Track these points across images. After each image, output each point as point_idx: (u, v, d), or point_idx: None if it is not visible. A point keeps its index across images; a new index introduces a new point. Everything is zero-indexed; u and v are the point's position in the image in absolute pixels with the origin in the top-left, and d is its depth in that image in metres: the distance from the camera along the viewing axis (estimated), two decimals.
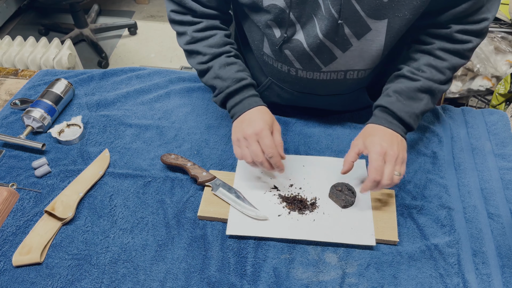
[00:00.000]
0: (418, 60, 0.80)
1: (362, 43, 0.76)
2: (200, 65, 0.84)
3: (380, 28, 0.73)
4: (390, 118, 0.78)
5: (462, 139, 0.93)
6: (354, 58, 0.79)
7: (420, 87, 0.78)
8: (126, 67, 1.13)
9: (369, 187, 0.73)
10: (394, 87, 0.79)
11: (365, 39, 0.75)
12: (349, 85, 0.86)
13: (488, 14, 0.74)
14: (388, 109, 0.78)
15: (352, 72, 0.82)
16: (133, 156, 0.91)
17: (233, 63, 0.83)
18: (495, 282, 0.70)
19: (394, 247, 0.75)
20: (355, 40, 0.75)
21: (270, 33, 0.79)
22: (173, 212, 0.80)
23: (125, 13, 2.96)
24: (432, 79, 0.78)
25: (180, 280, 0.71)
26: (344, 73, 0.82)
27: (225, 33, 0.85)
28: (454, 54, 0.78)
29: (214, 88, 0.84)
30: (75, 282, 0.71)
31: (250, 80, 0.83)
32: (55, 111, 0.97)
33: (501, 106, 1.65)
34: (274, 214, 0.78)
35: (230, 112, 0.83)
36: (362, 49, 0.77)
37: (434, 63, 0.78)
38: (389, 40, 0.75)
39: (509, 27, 1.67)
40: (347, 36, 0.74)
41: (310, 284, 0.70)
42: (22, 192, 0.84)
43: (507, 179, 0.85)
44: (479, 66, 1.65)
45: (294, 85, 0.89)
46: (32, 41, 2.13)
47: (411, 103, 0.78)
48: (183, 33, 0.84)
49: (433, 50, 0.79)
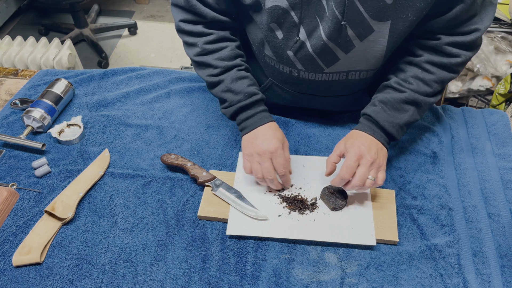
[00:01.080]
0: (406, 71, 0.81)
1: (365, 44, 0.76)
2: (210, 77, 0.84)
3: (383, 30, 0.74)
4: (374, 126, 0.79)
5: (462, 139, 0.93)
6: (357, 59, 0.79)
7: (406, 98, 0.79)
8: (126, 67, 1.13)
9: (336, 183, 0.76)
10: (380, 97, 0.81)
11: (368, 41, 0.75)
12: (351, 86, 0.87)
13: (481, 25, 0.74)
14: (372, 118, 0.80)
15: (354, 72, 0.82)
16: (133, 156, 0.91)
17: (244, 77, 0.83)
18: (495, 282, 0.70)
19: (394, 247, 0.75)
20: (358, 42, 0.75)
21: (272, 35, 0.79)
22: (173, 212, 0.80)
23: (125, 13, 2.96)
24: (418, 91, 0.79)
25: (180, 280, 0.71)
26: (346, 74, 0.83)
27: (235, 45, 0.85)
28: (442, 68, 0.79)
29: (224, 101, 0.84)
30: (75, 282, 0.71)
31: (261, 95, 0.83)
32: (55, 111, 0.97)
33: (501, 106, 1.65)
34: (274, 214, 0.78)
35: (240, 125, 0.83)
36: (365, 50, 0.77)
37: (421, 76, 0.79)
38: (391, 42, 0.75)
39: (509, 27, 1.67)
40: (350, 37, 0.74)
41: (310, 284, 0.70)
42: (22, 192, 0.84)
43: (507, 179, 0.85)
44: (479, 66, 1.65)
45: (295, 86, 0.89)
46: (32, 41, 2.12)
47: (395, 114, 0.79)
48: (192, 44, 0.84)
49: (421, 62, 0.79)
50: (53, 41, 2.11)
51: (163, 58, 2.57)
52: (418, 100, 0.79)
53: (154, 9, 3.00)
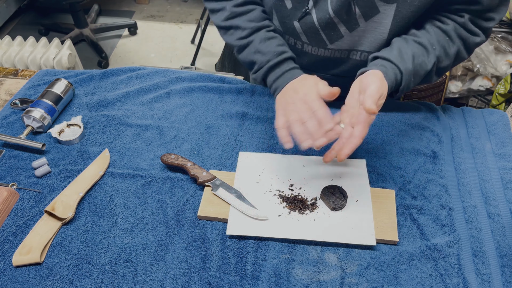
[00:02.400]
0: (431, 34, 0.81)
1: (369, 25, 0.77)
2: (239, 40, 0.83)
3: (388, 12, 0.75)
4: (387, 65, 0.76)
5: (462, 139, 0.93)
6: (360, 39, 0.80)
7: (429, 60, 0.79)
8: (126, 67, 1.13)
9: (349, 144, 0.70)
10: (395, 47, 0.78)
11: (372, 21, 0.77)
12: (352, 67, 0.87)
13: (497, 15, 0.77)
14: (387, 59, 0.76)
15: (356, 52, 0.83)
16: (133, 156, 0.91)
17: (273, 37, 0.83)
18: (495, 282, 0.70)
19: (394, 247, 0.75)
20: (363, 21, 0.77)
21: (281, 3, 0.80)
22: (173, 212, 0.80)
23: (125, 13, 2.96)
24: (438, 57, 0.80)
25: (180, 280, 0.71)
26: (348, 53, 0.84)
27: (262, 9, 0.86)
28: (463, 42, 0.80)
29: (253, 64, 0.84)
30: (75, 282, 0.71)
31: (291, 53, 0.82)
32: (55, 111, 0.97)
33: (501, 106, 1.65)
34: (274, 214, 0.78)
35: (272, 86, 0.82)
36: (369, 30, 0.78)
37: (445, 44, 0.80)
38: (395, 25, 0.77)
39: (509, 27, 1.67)
40: (356, 15, 0.76)
41: (310, 284, 0.70)
42: (22, 192, 0.84)
43: (507, 179, 0.85)
44: (479, 66, 1.65)
45: (299, 59, 0.89)
46: (32, 41, 2.13)
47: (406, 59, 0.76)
48: (220, 9, 0.85)
49: (449, 30, 0.80)
50: (53, 41, 2.11)
51: (163, 58, 2.57)
52: (434, 66, 0.80)
53: (154, 9, 3.00)
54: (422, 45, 0.79)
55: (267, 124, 0.97)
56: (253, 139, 0.94)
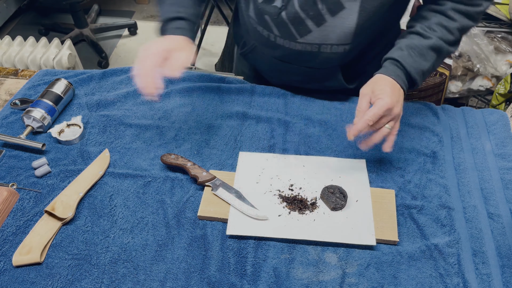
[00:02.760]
0: (429, 19, 0.82)
1: (336, 20, 0.80)
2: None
3: (353, 7, 0.78)
4: (399, 71, 0.80)
5: (462, 139, 0.93)
6: (328, 34, 0.83)
7: (433, 45, 0.80)
8: (126, 67, 1.13)
9: (358, 128, 0.74)
10: (407, 42, 0.81)
11: (338, 17, 0.80)
12: (324, 60, 0.90)
13: None
14: (399, 62, 0.80)
15: (326, 46, 0.86)
16: (133, 156, 0.91)
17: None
18: (495, 282, 0.70)
19: (394, 247, 0.75)
20: (329, 17, 0.80)
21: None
22: (173, 212, 0.80)
23: (125, 13, 2.96)
24: (442, 39, 0.81)
25: (180, 280, 0.71)
26: (318, 46, 0.86)
27: None
28: (465, 16, 0.81)
29: None
30: (75, 282, 0.71)
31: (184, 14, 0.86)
32: (55, 111, 0.97)
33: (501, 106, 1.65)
34: (274, 214, 0.78)
35: None
36: (336, 25, 0.81)
37: (446, 23, 0.81)
38: (362, 20, 0.79)
39: (509, 27, 1.67)
40: (322, 12, 0.79)
41: (310, 284, 0.70)
42: (22, 192, 0.84)
43: (507, 179, 0.85)
44: (479, 66, 1.65)
45: (273, 50, 0.94)
46: (32, 41, 2.12)
47: (420, 60, 0.80)
48: None
49: (445, 10, 0.81)
50: (53, 41, 2.11)
51: None
52: (442, 48, 0.81)
53: (154, 9, 3.00)
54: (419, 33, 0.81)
55: (267, 124, 0.97)
56: (253, 139, 0.94)
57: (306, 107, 1.01)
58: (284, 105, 1.01)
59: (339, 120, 0.98)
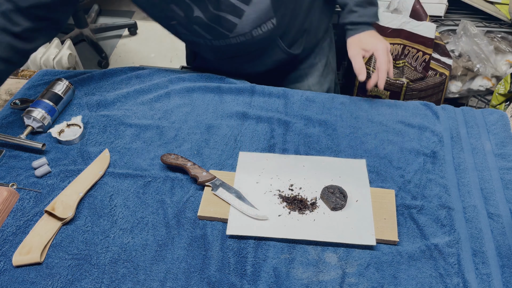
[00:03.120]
0: None
1: (252, 7, 0.87)
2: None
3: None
4: (365, 26, 0.98)
5: (462, 139, 0.93)
6: (251, 19, 0.89)
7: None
8: (126, 67, 1.13)
9: (383, 77, 0.94)
10: (355, 1, 0.98)
11: (252, 3, 0.87)
12: (263, 40, 0.96)
13: None
14: (360, 23, 0.98)
15: (255, 30, 0.92)
16: (133, 156, 0.91)
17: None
18: (495, 282, 0.70)
19: (394, 247, 0.75)
20: (245, 6, 0.87)
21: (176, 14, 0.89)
22: (173, 212, 0.80)
23: (125, 13, 2.96)
24: None
25: (180, 280, 0.71)
26: (251, 33, 0.92)
27: None
28: None
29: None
30: (75, 282, 0.71)
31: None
32: (55, 111, 0.97)
33: (501, 106, 1.64)
34: (274, 214, 0.78)
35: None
36: (255, 11, 0.88)
37: None
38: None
39: (509, 27, 1.67)
40: (236, 4, 0.85)
41: (310, 284, 0.70)
42: (22, 192, 0.84)
43: (507, 179, 0.85)
44: (479, 66, 1.65)
45: (215, 53, 1.02)
46: None
47: (371, 7, 0.98)
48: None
49: None
50: (53, 41, 2.11)
51: (163, 58, 2.57)
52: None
53: None
54: None
55: (267, 124, 0.97)
56: (253, 139, 0.94)
57: (306, 107, 1.01)
58: (284, 105, 1.01)
59: (339, 120, 0.98)
